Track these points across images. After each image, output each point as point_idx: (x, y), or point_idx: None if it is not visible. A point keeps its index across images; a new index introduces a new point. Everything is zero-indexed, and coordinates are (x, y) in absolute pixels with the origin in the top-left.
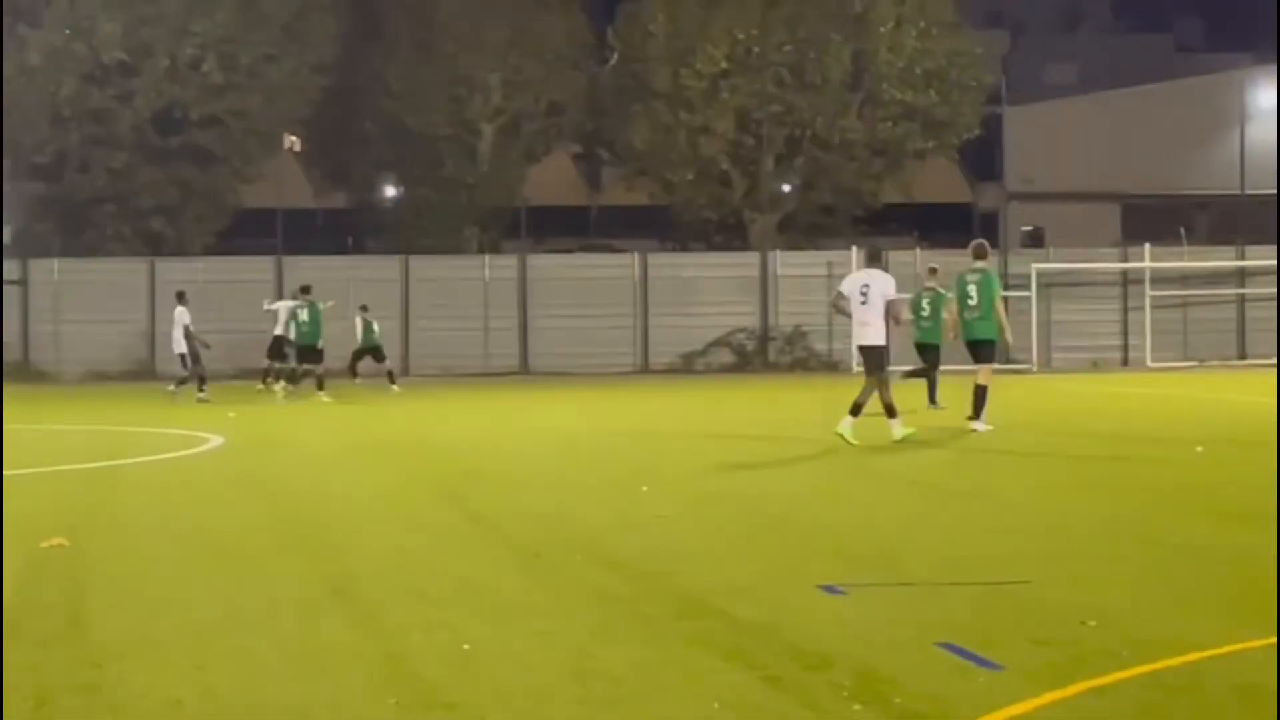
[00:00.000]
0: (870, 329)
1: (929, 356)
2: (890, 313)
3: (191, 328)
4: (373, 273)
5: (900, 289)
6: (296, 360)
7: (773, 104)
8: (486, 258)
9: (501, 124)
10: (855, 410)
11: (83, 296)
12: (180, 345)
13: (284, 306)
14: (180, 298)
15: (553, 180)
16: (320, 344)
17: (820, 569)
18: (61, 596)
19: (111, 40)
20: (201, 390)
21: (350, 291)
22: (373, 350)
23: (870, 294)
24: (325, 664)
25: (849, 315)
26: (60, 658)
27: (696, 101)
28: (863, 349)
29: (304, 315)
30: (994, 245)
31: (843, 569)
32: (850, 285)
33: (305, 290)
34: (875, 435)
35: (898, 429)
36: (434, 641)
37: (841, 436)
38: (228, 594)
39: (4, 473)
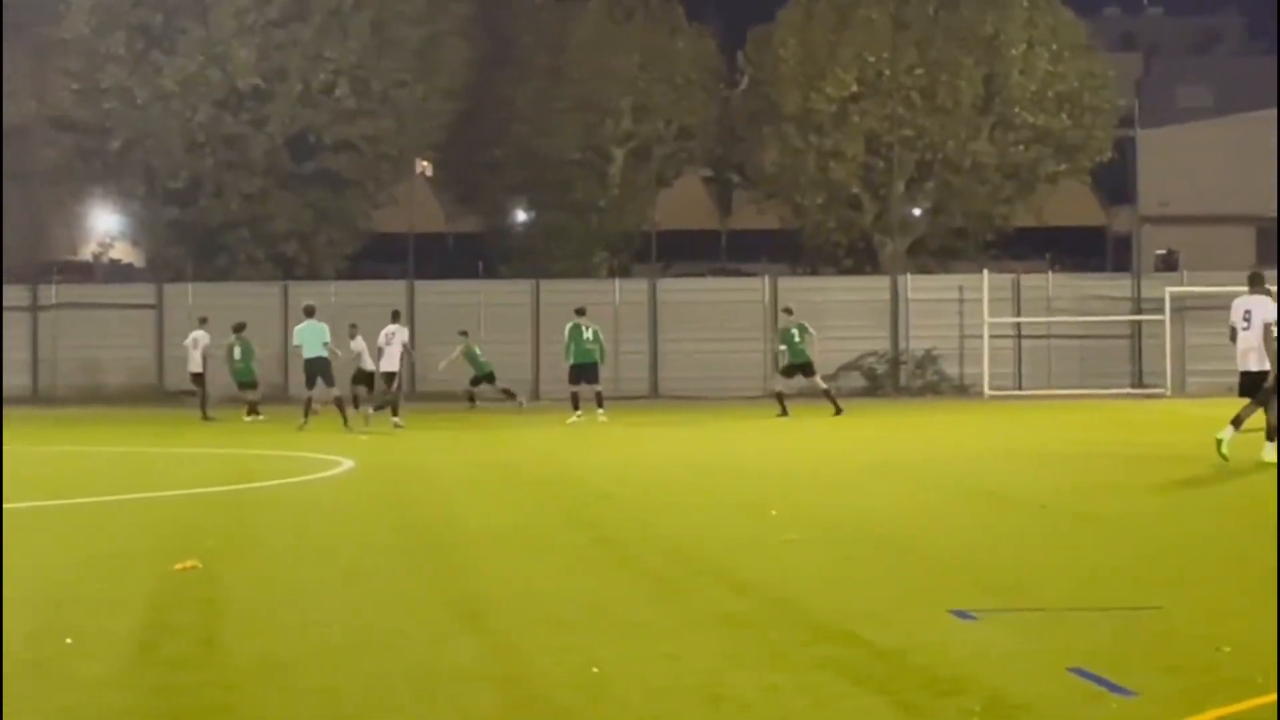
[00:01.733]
0: (1253, 354)
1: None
2: (1265, 337)
3: (331, 347)
4: (503, 297)
5: (1026, 313)
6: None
7: (903, 127)
8: (617, 282)
9: (632, 148)
10: (1236, 423)
11: (216, 321)
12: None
13: (201, 339)
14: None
15: (683, 204)
16: (255, 378)
17: (951, 594)
18: (194, 619)
19: (245, 66)
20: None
21: (481, 316)
22: (486, 376)
23: (1252, 319)
24: (454, 688)
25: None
26: (193, 680)
27: (826, 125)
28: (1244, 375)
29: (237, 354)
30: (1126, 269)
31: (974, 594)
32: (1235, 313)
33: (240, 328)
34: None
35: (1270, 452)
36: (564, 665)
37: (1219, 444)
38: (358, 616)
39: (141, 495)
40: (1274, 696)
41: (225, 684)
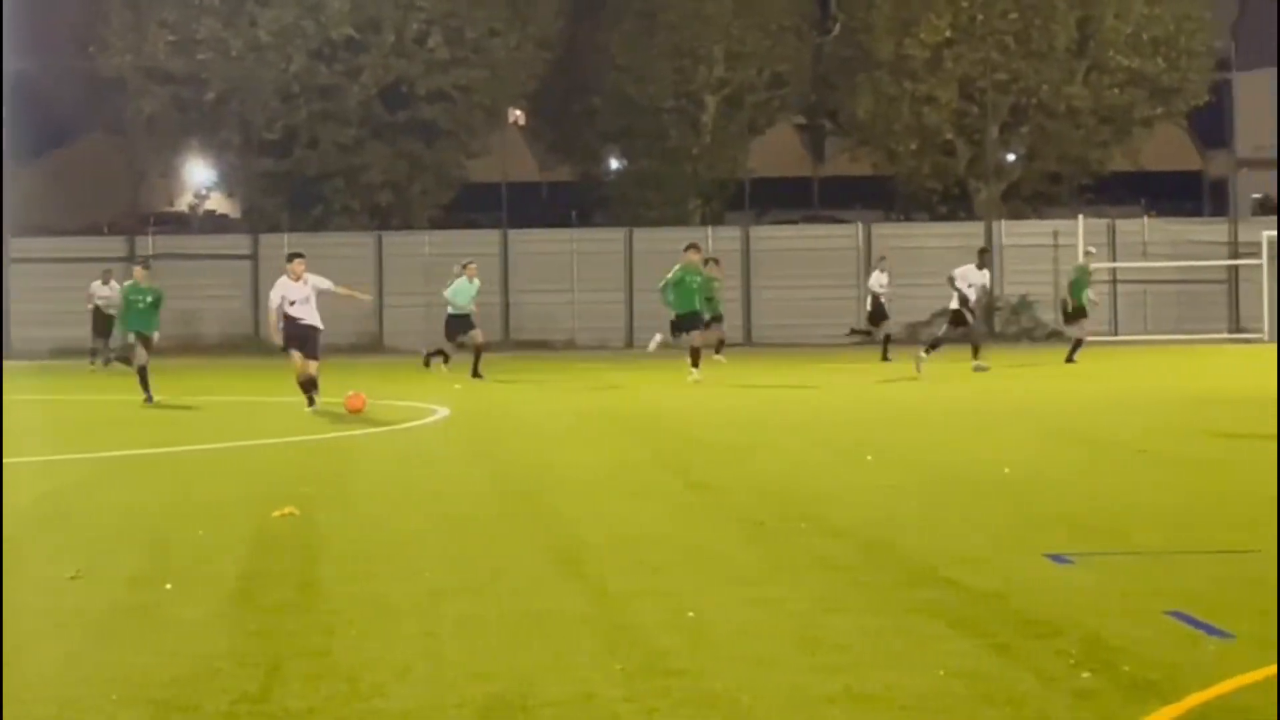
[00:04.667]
0: None
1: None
2: None
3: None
4: (597, 245)
5: (1122, 258)
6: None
7: (997, 72)
8: (710, 229)
9: (725, 95)
10: None
11: (312, 271)
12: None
13: (101, 290)
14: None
15: (776, 151)
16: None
17: (1047, 538)
18: (293, 564)
19: (339, 17)
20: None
21: (575, 265)
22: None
23: None
24: (552, 631)
25: None
26: (292, 625)
27: (920, 71)
28: None
29: (148, 299)
30: (1223, 213)
31: (1070, 538)
32: None
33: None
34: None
35: None
36: (660, 609)
37: None
38: (456, 562)
39: (240, 444)
40: None
41: (325, 628)
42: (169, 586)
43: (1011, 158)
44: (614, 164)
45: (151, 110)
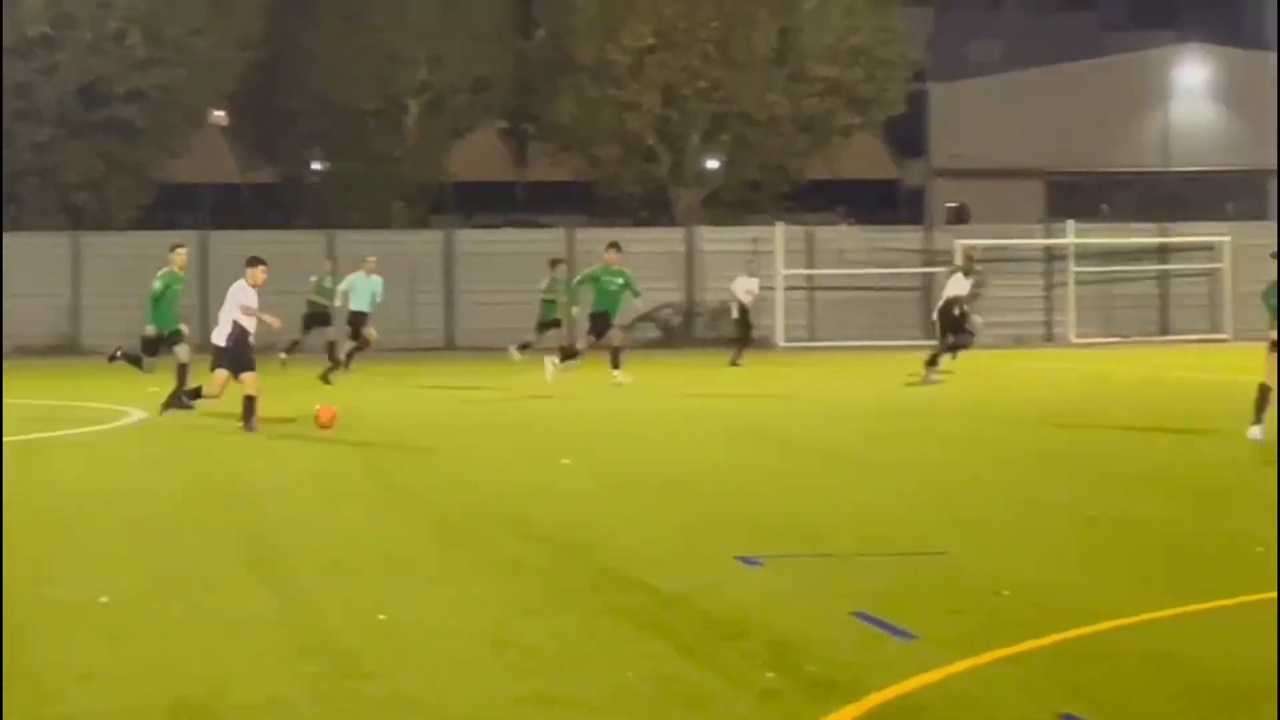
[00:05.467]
0: None
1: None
2: None
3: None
4: (298, 248)
5: (820, 265)
6: None
7: (699, 80)
8: (412, 232)
9: (428, 99)
10: None
11: (6, 271)
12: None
13: None
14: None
15: (479, 155)
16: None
17: (738, 541)
18: None
19: (34, 13)
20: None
21: (277, 267)
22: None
23: None
24: (242, 635)
25: None
26: None
27: (622, 76)
28: None
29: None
30: (918, 221)
31: (761, 541)
32: None
33: None
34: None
35: None
36: (352, 612)
37: None
38: (145, 566)
39: None
40: (1050, 639)
41: (6, 632)
42: None
43: (712, 164)
44: (316, 166)
45: None
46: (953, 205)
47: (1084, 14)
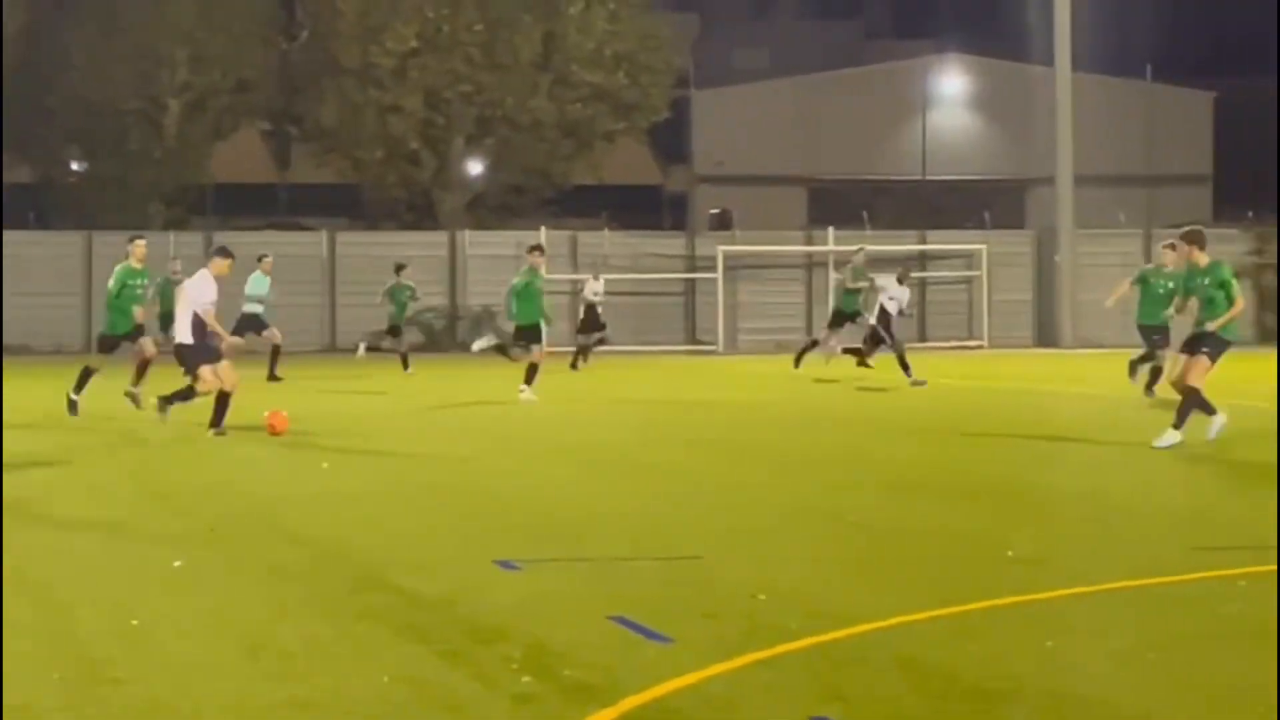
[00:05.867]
0: None
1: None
2: None
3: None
4: (54, 249)
5: (583, 270)
6: None
7: (462, 83)
8: (172, 235)
9: (189, 99)
10: None
11: None
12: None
13: None
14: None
15: (241, 157)
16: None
17: (500, 545)
18: None
19: None
20: None
21: (28, 269)
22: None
23: None
24: None
25: None
26: None
27: (386, 79)
28: None
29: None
30: (681, 228)
31: (522, 544)
32: None
33: None
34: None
35: None
36: (104, 617)
37: None
38: None
39: None
40: (805, 643)
41: None
42: None
43: (477, 169)
44: (74, 166)
45: None
46: (715, 212)
47: (848, 23)
